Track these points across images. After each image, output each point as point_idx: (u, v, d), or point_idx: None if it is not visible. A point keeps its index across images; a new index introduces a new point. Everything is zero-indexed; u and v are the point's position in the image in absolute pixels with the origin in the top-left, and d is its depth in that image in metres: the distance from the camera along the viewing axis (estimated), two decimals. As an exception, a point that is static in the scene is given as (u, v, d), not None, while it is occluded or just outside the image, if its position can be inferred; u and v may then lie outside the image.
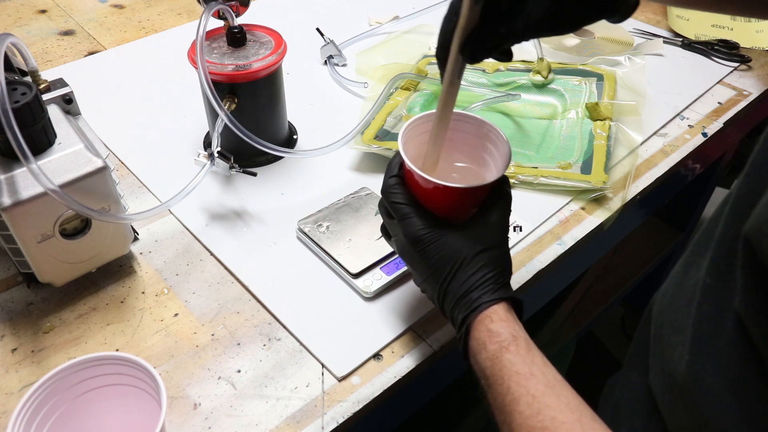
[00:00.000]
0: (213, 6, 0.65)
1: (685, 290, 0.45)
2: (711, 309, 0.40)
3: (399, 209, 0.50)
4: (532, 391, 0.41)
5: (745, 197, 0.38)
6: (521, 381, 0.42)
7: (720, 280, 0.40)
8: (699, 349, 0.41)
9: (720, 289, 0.40)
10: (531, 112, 0.85)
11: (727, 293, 0.38)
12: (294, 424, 0.51)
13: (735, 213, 0.39)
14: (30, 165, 0.47)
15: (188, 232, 0.67)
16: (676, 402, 0.45)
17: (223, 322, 0.59)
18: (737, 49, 0.99)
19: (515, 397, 0.42)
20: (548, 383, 0.42)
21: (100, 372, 0.48)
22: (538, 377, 0.42)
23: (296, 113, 0.83)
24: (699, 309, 0.41)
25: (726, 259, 0.39)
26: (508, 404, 0.42)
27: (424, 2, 1.10)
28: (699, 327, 0.41)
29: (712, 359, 0.40)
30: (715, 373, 0.39)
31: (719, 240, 0.40)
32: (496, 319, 0.46)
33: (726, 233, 0.40)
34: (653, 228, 1.36)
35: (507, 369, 0.43)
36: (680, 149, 0.82)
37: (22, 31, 1.01)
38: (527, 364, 0.43)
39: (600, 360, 1.49)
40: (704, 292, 0.41)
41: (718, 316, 0.39)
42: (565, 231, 0.69)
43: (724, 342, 0.38)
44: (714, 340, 0.40)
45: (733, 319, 0.38)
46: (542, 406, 0.41)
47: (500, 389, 0.43)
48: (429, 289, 0.51)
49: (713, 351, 0.40)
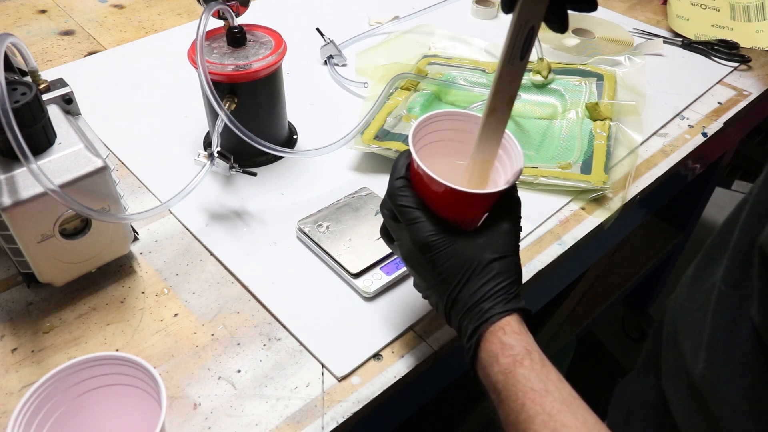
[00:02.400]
0: (213, 6, 0.65)
1: (697, 295, 0.44)
2: (726, 317, 0.40)
3: (407, 213, 0.48)
4: (548, 408, 0.40)
5: (762, 205, 0.37)
6: (536, 398, 0.41)
7: (735, 288, 0.39)
8: (714, 357, 0.40)
9: (735, 297, 0.39)
10: (531, 112, 0.85)
11: (742, 302, 0.38)
12: (294, 424, 0.51)
13: (751, 221, 0.38)
14: (30, 165, 0.47)
15: (188, 232, 0.67)
16: (689, 408, 0.44)
17: (223, 322, 0.59)
18: (737, 49, 0.99)
19: (530, 414, 0.40)
20: (564, 400, 0.41)
21: (100, 372, 0.48)
22: (553, 394, 0.41)
23: (296, 113, 0.83)
24: (714, 317, 0.41)
25: (742, 267, 0.38)
26: (522, 422, 0.41)
27: (424, 2, 1.10)
28: (714, 335, 0.40)
29: (727, 367, 0.39)
30: (729, 380, 0.39)
31: (735, 248, 0.40)
32: (509, 331, 0.44)
33: (741, 240, 0.39)
34: (653, 228, 1.36)
35: (521, 384, 0.42)
36: (680, 149, 0.82)
37: (22, 31, 1.01)
38: (542, 380, 0.42)
39: (600, 360, 1.49)
40: (719, 299, 0.40)
41: (734, 325, 0.39)
42: (565, 231, 0.69)
43: (740, 350, 0.38)
44: (729, 348, 0.39)
45: (748, 328, 0.37)
46: (559, 425, 0.39)
47: (514, 405, 0.42)
48: (434, 296, 0.49)
49: (728, 359, 0.39)
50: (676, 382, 0.46)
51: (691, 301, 0.45)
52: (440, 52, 0.95)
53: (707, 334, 0.41)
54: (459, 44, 0.98)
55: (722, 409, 0.39)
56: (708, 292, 0.42)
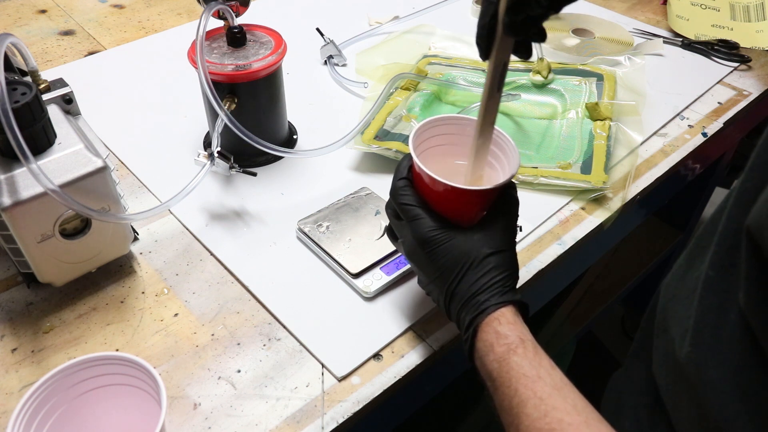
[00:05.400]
0: (213, 6, 0.65)
1: (688, 283, 0.45)
2: (714, 301, 0.41)
3: (409, 210, 0.51)
4: (540, 393, 0.42)
5: (748, 191, 0.38)
6: (528, 383, 0.42)
7: (723, 273, 0.40)
8: (701, 341, 0.41)
9: (723, 281, 0.40)
10: (531, 112, 0.85)
11: (730, 286, 0.39)
12: (294, 424, 0.51)
13: (737, 207, 0.39)
14: (30, 165, 0.47)
15: (188, 232, 0.67)
16: (678, 393, 0.45)
17: (223, 322, 0.59)
18: (737, 49, 0.99)
19: (522, 399, 0.42)
20: (555, 385, 0.42)
21: (100, 372, 0.48)
22: (545, 379, 0.42)
23: (296, 113, 0.83)
24: (701, 301, 0.41)
25: (729, 252, 0.39)
26: (515, 406, 0.42)
27: (424, 2, 1.10)
28: (701, 319, 0.41)
29: (713, 351, 0.40)
30: (716, 364, 0.39)
31: (722, 233, 0.40)
32: (504, 321, 0.46)
33: (729, 227, 0.40)
34: (653, 228, 1.36)
35: (514, 371, 0.43)
36: (680, 149, 0.82)
37: (22, 31, 1.01)
38: (534, 366, 0.43)
39: (600, 360, 1.49)
40: (707, 284, 0.41)
41: (721, 309, 0.39)
42: (565, 231, 0.69)
43: (726, 334, 0.39)
44: (716, 332, 0.40)
45: (735, 312, 0.38)
46: (549, 408, 0.41)
47: (507, 391, 0.43)
48: (435, 290, 0.51)
49: (715, 343, 0.40)
50: (665, 368, 0.47)
51: (681, 289, 0.46)
52: (440, 52, 0.95)
53: (695, 319, 0.42)
54: (459, 44, 0.98)
55: (709, 392, 0.40)
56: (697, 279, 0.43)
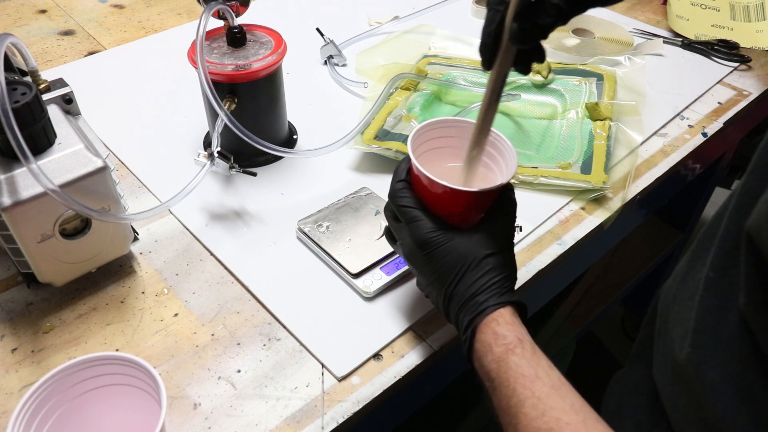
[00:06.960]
0: (213, 6, 0.65)
1: (690, 285, 0.45)
2: (714, 303, 0.41)
3: (407, 212, 0.51)
4: (537, 393, 0.42)
5: (748, 194, 0.38)
6: (526, 383, 0.43)
7: (723, 275, 0.40)
8: (701, 343, 0.41)
9: (723, 283, 0.40)
10: (531, 112, 0.85)
11: (730, 288, 0.39)
12: (294, 424, 0.51)
13: (738, 209, 0.39)
14: (30, 165, 0.47)
15: (188, 232, 0.67)
16: (677, 394, 0.45)
17: (223, 322, 0.59)
18: (737, 49, 0.99)
19: (521, 399, 0.42)
20: (553, 385, 0.42)
21: (100, 372, 0.48)
22: (543, 379, 0.43)
23: (296, 113, 0.83)
24: (702, 303, 0.42)
25: (729, 254, 0.39)
26: (513, 406, 0.42)
27: (424, 2, 1.10)
28: (701, 320, 0.41)
29: (713, 352, 0.40)
30: (716, 366, 0.40)
31: (723, 236, 0.41)
32: (503, 322, 0.46)
33: (729, 229, 0.40)
34: (653, 228, 1.36)
35: (512, 371, 0.43)
36: (680, 149, 0.82)
37: (22, 31, 1.01)
38: (532, 366, 0.43)
39: (600, 360, 1.49)
40: (707, 286, 0.41)
41: (721, 310, 0.40)
42: (565, 231, 0.69)
43: (726, 336, 0.39)
44: (716, 333, 0.40)
45: (735, 314, 0.38)
46: (547, 407, 0.41)
47: (506, 391, 0.43)
48: (434, 292, 0.51)
49: (715, 344, 0.40)
50: (665, 369, 0.47)
51: (683, 291, 0.46)
52: (440, 52, 0.95)
53: (695, 320, 0.42)
54: (459, 44, 0.98)
55: (709, 393, 0.40)
56: (698, 281, 0.43)
